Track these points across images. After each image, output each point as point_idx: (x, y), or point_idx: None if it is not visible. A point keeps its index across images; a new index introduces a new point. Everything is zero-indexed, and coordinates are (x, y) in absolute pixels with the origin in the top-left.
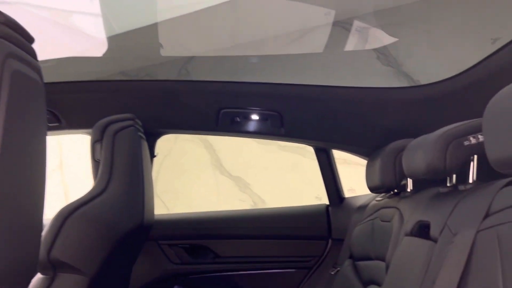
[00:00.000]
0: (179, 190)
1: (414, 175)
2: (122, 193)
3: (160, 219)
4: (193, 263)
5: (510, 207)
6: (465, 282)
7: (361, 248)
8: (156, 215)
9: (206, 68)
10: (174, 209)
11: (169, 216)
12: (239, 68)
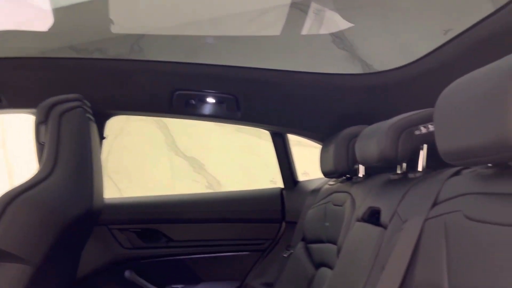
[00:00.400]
0: (132, 170)
1: (367, 163)
2: (68, 177)
3: (110, 203)
4: (145, 248)
5: (456, 196)
6: (412, 268)
7: (314, 231)
8: (107, 199)
9: (160, 46)
10: (126, 190)
11: (120, 200)
12: (194, 49)
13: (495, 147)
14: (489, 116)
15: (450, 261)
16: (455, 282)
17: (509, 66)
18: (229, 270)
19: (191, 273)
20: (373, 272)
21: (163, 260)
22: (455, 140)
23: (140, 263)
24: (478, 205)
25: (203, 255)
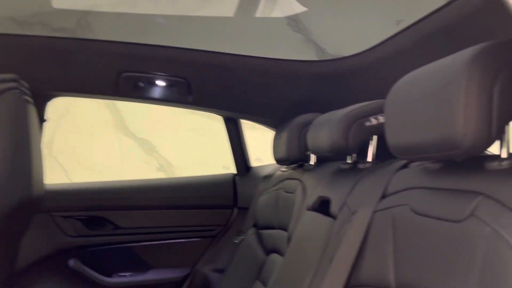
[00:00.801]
0: (79, 152)
1: (318, 152)
2: (4, 164)
3: (53, 189)
4: (90, 236)
5: (404, 190)
6: (360, 261)
7: (265, 217)
8: (49, 185)
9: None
10: (72, 171)
11: (64, 186)
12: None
13: (443, 145)
14: (438, 114)
15: (396, 254)
16: (401, 275)
17: (458, 64)
18: (179, 257)
19: (139, 261)
20: (322, 263)
21: (110, 248)
22: (404, 135)
23: (86, 251)
24: (424, 199)
25: (152, 242)
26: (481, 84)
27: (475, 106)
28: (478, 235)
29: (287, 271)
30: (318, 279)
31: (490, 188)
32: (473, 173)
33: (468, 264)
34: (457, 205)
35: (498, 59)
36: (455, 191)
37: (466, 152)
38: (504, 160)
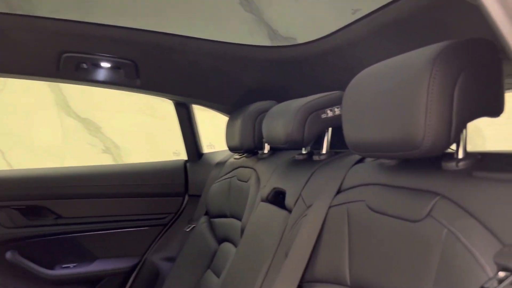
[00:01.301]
0: (18, 132)
1: (273, 143)
2: None
3: None
4: (30, 226)
5: (360, 185)
6: (315, 256)
7: (217, 205)
8: None
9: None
10: (10, 153)
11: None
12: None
13: (402, 145)
14: (398, 114)
15: (352, 251)
16: (356, 272)
17: (419, 63)
18: (128, 247)
19: (84, 252)
20: (277, 256)
21: (51, 239)
22: (362, 131)
23: (25, 243)
24: (381, 196)
25: (98, 232)
26: (443, 85)
27: (436, 107)
28: (435, 236)
29: (241, 263)
30: (272, 273)
31: (447, 189)
32: (430, 172)
33: (424, 265)
34: (414, 204)
35: (458, 59)
36: (412, 190)
37: (426, 153)
38: (460, 160)
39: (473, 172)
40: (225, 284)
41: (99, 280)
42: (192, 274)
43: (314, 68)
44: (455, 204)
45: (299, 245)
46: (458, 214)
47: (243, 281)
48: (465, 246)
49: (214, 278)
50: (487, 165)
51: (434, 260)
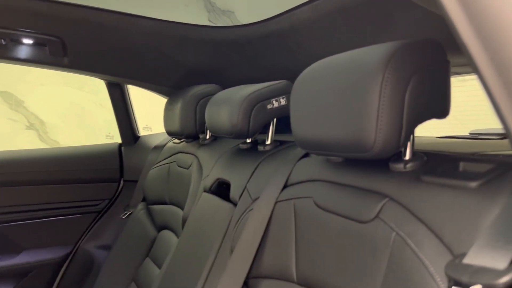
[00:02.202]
0: None
1: (217, 133)
2: None
3: None
4: None
5: (306, 181)
6: (262, 251)
7: (156, 192)
8: None
9: None
10: None
11: None
12: None
13: (351, 147)
14: (349, 115)
15: (298, 247)
16: (303, 269)
17: (371, 65)
18: (59, 235)
19: (8, 243)
20: (222, 251)
21: None
22: (310, 130)
23: None
24: (328, 194)
25: (25, 221)
26: (394, 90)
27: (387, 113)
28: (383, 239)
29: (183, 256)
30: (217, 268)
31: (395, 191)
32: (378, 173)
33: (372, 267)
34: (363, 205)
35: (410, 63)
36: (360, 189)
37: (375, 156)
38: (408, 162)
39: (421, 176)
40: (167, 277)
41: (27, 273)
42: (130, 262)
43: (256, 52)
44: (404, 207)
45: (245, 240)
46: (407, 218)
47: (186, 274)
48: (414, 253)
49: (155, 268)
50: (434, 168)
51: (383, 262)
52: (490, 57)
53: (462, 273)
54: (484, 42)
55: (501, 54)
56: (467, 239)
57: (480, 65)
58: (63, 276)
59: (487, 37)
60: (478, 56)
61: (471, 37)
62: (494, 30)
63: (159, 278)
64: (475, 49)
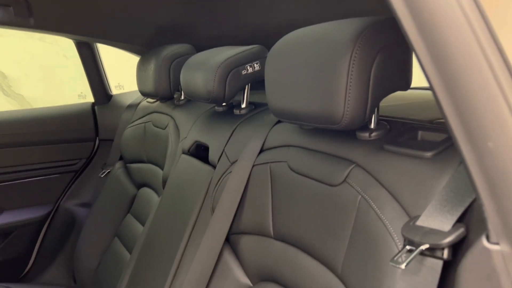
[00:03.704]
0: None
1: (194, 98)
2: None
3: None
4: None
5: (281, 146)
6: (241, 210)
7: (133, 151)
8: None
9: None
10: None
11: None
12: None
13: (322, 119)
14: (319, 89)
15: (274, 206)
16: (278, 225)
17: (341, 41)
18: (38, 195)
19: None
20: (203, 210)
21: None
22: (283, 100)
23: None
24: (301, 159)
25: (2, 183)
26: (361, 67)
27: (355, 89)
28: (350, 202)
29: (166, 214)
30: (200, 226)
31: (361, 157)
32: (346, 141)
33: (340, 226)
34: (332, 170)
35: (376, 41)
36: (330, 155)
37: (343, 128)
38: (373, 131)
39: (384, 145)
40: (151, 234)
41: (9, 234)
42: (111, 219)
43: (227, 9)
44: (369, 173)
45: (225, 200)
46: (371, 183)
47: (170, 232)
48: (377, 214)
49: (137, 224)
50: (396, 137)
51: (349, 222)
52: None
53: (415, 234)
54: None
55: (428, 31)
56: (422, 203)
57: (414, 42)
58: (46, 234)
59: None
60: (412, 34)
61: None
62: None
63: (143, 235)
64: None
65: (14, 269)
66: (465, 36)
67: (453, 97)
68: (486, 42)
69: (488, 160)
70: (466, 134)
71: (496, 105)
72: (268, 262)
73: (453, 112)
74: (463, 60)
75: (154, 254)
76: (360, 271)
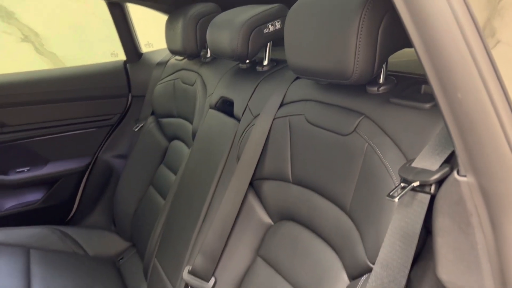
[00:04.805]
0: None
1: (218, 55)
2: None
3: None
4: None
5: (299, 100)
6: (263, 158)
7: (163, 106)
8: None
9: None
10: None
11: None
12: None
13: (334, 75)
14: (332, 47)
15: (293, 154)
16: (297, 171)
17: (350, 7)
18: (78, 148)
19: (36, 156)
20: (229, 159)
21: (0, 147)
22: (301, 58)
23: None
24: (317, 111)
25: (47, 136)
26: (370, 28)
27: (364, 47)
28: (358, 149)
29: (196, 164)
30: (226, 173)
31: (369, 109)
32: (357, 95)
33: (350, 171)
34: (344, 121)
35: (383, 3)
36: (342, 108)
37: (354, 83)
38: (381, 85)
39: (390, 98)
40: (184, 182)
41: (54, 182)
42: (146, 169)
43: None
44: (375, 124)
45: (249, 150)
46: (377, 132)
47: (200, 179)
48: (380, 159)
49: (170, 174)
50: (401, 91)
51: (357, 167)
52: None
53: (409, 173)
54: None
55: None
56: (419, 148)
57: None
58: (87, 183)
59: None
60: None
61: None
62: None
63: (176, 182)
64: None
65: (61, 213)
66: (442, 7)
67: (432, 59)
68: (461, 12)
69: (457, 108)
70: (441, 87)
71: (465, 64)
72: (287, 203)
73: (431, 70)
74: (441, 28)
75: (186, 199)
76: (364, 208)
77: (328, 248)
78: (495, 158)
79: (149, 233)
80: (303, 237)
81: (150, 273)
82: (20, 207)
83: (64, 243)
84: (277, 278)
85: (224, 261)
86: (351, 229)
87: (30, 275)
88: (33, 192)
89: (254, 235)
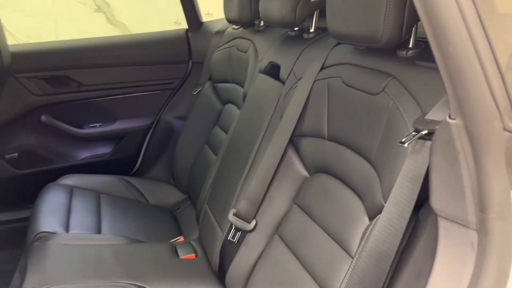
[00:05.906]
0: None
1: (269, 23)
2: None
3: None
4: (57, 94)
5: (338, 64)
6: (303, 117)
7: (220, 72)
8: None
9: None
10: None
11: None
12: None
13: (367, 38)
14: (365, 14)
15: (329, 113)
16: (332, 128)
17: None
18: (143, 108)
19: (106, 113)
20: (273, 118)
21: (77, 104)
22: (340, 24)
23: (55, 108)
24: (352, 74)
25: (116, 96)
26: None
27: (392, 12)
28: (385, 106)
29: (245, 123)
30: (270, 131)
31: (397, 71)
32: (388, 58)
33: (376, 127)
34: (374, 82)
35: None
36: (374, 70)
37: (384, 46)
38: (410, 50)
39: (416, 61)
40: (233, 139)
41: (122, 137)
42: (202, 130)
43: None
44: (401, 83)
45: (291, 109)
46: (402, 92)
47: (247, 136)
48: (401, 114)
49: (222, 133)
50: (427, 55)
51: (382, 123)
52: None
53: (421, 124)
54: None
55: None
56: (434, 103)
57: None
58: (150, 140)
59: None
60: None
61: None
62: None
63: (226, 140)
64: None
65: (127, 166)
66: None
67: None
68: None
69: (448, 60)
70: (436, 43)
71: (456, 21)
72: (322, 158)
73: (429, 28)
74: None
75: (235, 153)
76: (385, 158)
77: (354, 196)
78: (478, 103)
79: (203, 185)
80: (334, 187)
81: (202, 217)
82: (93, 158)
83: (129, 191)
84: (310, 223)
85: (265, 207)
86: (374, 178)
87: (101, 215)
88: (103, 146)
89: (292, 185)
